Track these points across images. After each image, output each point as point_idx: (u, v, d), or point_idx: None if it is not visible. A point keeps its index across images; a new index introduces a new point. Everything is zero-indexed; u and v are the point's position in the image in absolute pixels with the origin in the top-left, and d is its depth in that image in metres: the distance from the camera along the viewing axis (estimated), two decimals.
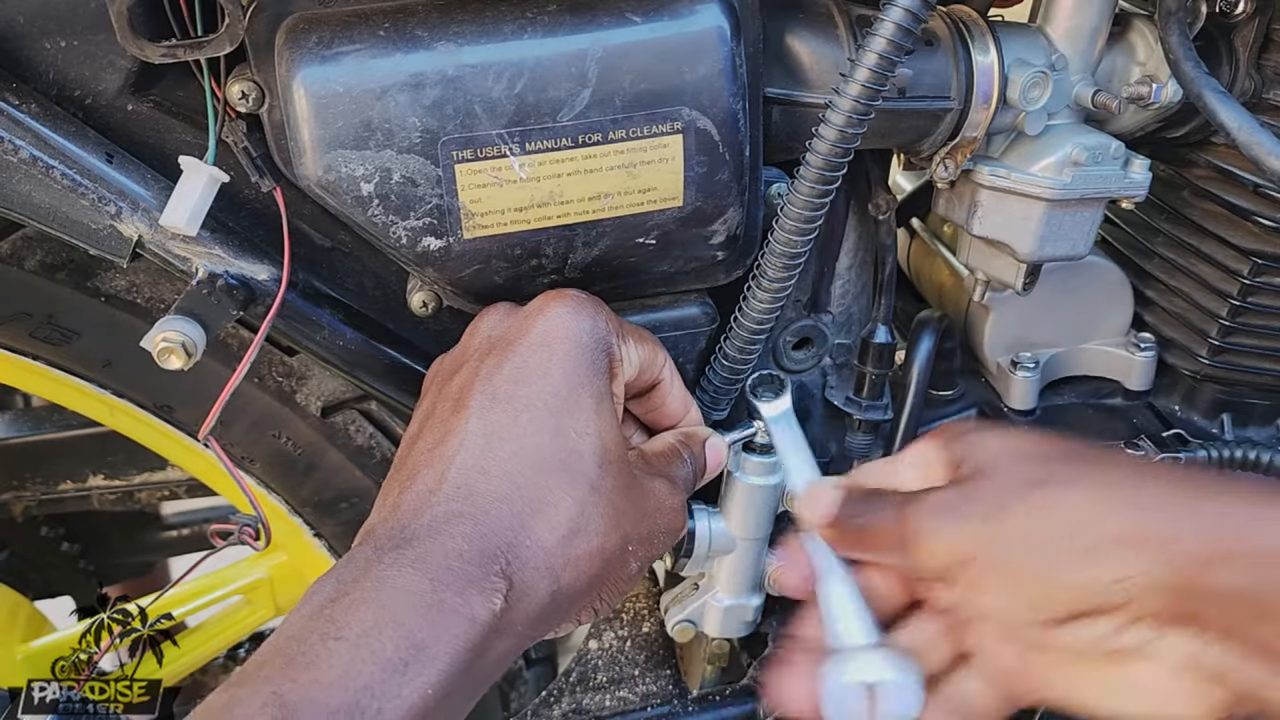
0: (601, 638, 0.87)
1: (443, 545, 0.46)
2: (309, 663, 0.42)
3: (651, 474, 0.56)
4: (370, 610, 0.44)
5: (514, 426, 0.50)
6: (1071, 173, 0.67)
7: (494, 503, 0.48)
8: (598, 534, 0.50)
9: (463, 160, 0.54)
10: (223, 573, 0.98)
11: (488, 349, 0.55)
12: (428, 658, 0.43)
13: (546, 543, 0.48)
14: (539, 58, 0.53)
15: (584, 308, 0.54)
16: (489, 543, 0.47)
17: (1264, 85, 0.71)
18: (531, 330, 0.53)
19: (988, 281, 0.78)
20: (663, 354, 0.60)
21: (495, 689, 0.94)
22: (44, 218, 0.55)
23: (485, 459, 0.49)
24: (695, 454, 0.60)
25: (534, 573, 0.48)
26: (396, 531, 0.47)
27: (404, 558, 0.46)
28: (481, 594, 0.45)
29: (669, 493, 0.56)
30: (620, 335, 0.56)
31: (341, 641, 0.42)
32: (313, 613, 0.44)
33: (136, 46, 0.51)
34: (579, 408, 0.51)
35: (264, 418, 0.76)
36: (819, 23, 0.64)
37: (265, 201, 0.60)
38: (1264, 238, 0.75)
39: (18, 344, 0.71)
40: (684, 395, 0.63)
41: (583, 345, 0.53)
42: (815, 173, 0.57)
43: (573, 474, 0.50)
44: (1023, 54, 0.65)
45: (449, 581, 0.45)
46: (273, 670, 0.42)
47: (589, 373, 0.52)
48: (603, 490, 0.50)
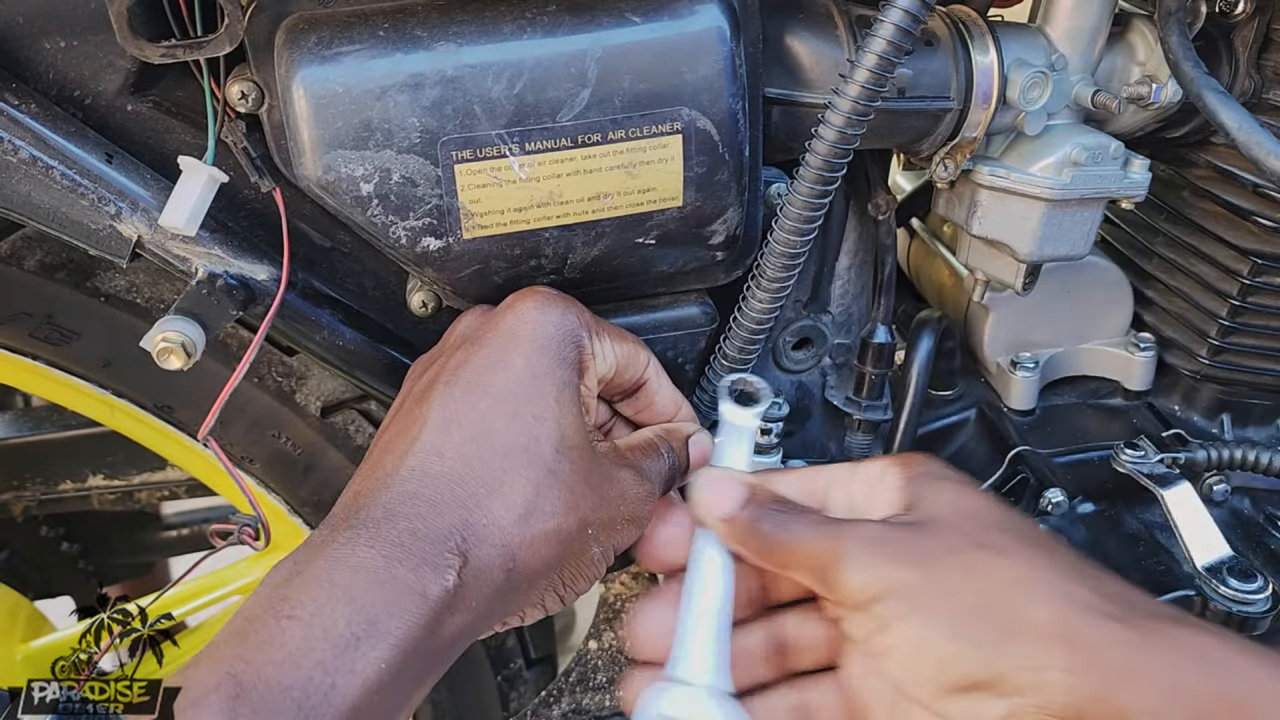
0: (601, 638, 0.87)
1: (396, 524, 0.47)
2: (262, 642, 0.42)
3: (620, 464, 0.56)
4: (323, 588, 0.44)
5: (472, 412, 0.51)
6: (1071, 173, 0.67)
7: (449, 484, 0.49)
8: (553, 515, 0.50)
9: (462, 160, 0.54)
10: (222, 573, 0.98)
11: (458, 345, 0.56)
12: (380, 633, 0.44)
13: (502, 521, 0.49)
14: (538, 58, 0.53)
15: (552, 302, 0.55)
16: (443, 520, 0.48)
17: (1264, 85, 0.71)
18: (500, 325, 0.54)
19: (987, 281, 0.78)
20: (645, 354, 0.61)
21: (495, 689, 0.94)
22: (44, 218, 0.55)
23: (442, 443, 0.50)
24: (675, 449, 0.60)
25: (490, 549, 0.48)
26: (353, 513, 0.48)
27: (358, 537, 0.46)
28: (434, 570, 0.46)
29: (634, 482, 0.56)
30: (594, 332, 0.56)
31: (294, 620, 0.43)
32: (268, 593, 0.45)
33: (136, 47, 0.51)
34: (539, 395, 0.52)
35: (264, 418, 0.76)
36: (819, 23, 0.64)
37: (265, 202, 0.60)
38: (1264, 238, 0.75)
39: (18, 344, 0.71)
40: (674, 395, 0.63)
41: (547, 337, 0.53)
42: (815, 173, 0.57)
43: (530, 456, 0.50)
44: (1022, 54, 0.65)
45: (401, 558, 0.46)
46: (227, 650, 0.42)
47: (552, 363, 0.53)
48: (559, 474, 0.51)
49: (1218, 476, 0.79)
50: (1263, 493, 0.81)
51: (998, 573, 0.45)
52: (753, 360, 0.67)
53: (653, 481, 0.57)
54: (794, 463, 0.76)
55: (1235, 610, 0.69)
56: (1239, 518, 0.80)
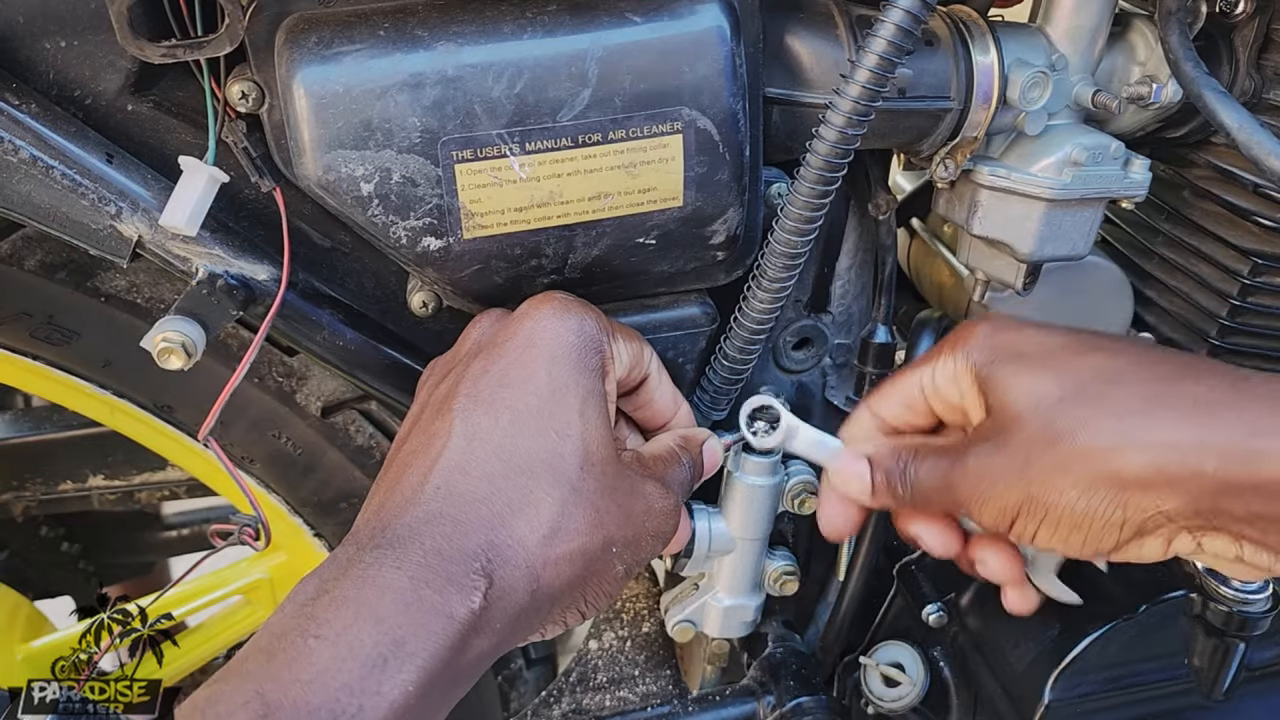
0: (601, 638, 0.87)
1: (423, 544, 0.47)
2: (290, 660, 0.42)
3: (645, 476, 0.56)
4: (350, 608, 0.44)
5: (495, 428, 0.51)
6: (1071, 173, 0.67)
7: (474, 503, 0.49)
8: (578, 534, 0.50)
9: (462, 160, 0.54)
10: (223, 573, 0.98)
11: (476, 352, 0.55)
12: (406, 654, 0.44)
13: (527, 542, 0.49)
14: (539, 58, 0.53)
15: (570, 308, 0.55)
16: (469, 541, 0.47)
17: (1264, 85, 0.71)
18: (518, 333, 0.54)
19: (988, 281, 0.78)
20: (648, 350, 0.60)
21: (495, 689, 0.94)
22: (44, 218, 0.55)
23: (466, 460, 0.50)
24: (694, 457, 0.60)
25: (514, 571, 0.48)
26: (378, 531, 0.48)
27: (384, 557, 0.46)
28: (460, 591, 0.46)
29: (660, 496, 0.56)
30: (611, 335, 0.56)
31: (321, 640, 0.43)
32: (295, 610, 0.45)
33: (136, 47, 0.51)
34: (562, 408, 0.52)
35: (264, 418, 0.76)
36: (819, 23, 0.64)
37: (265, 202, 0.60)
38: (1264, 238, 0.75)
39: (18, 344, 0.71)
40: (672, 391, 0.63)
41: (569, 345, 0.53)
42: (815, 173, 0.57)
43: (554, 474, 0.50)
44: (1022, 54, 0.65)
45: (428, 579, 0.45)
46: (254, 667, 0.42)
47: (575, 372, 0.53)
48: (584, 491, 0.51)
49: None
50: None
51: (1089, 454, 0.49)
52: (753, 360, 0.67)
53: (676, 493, 0.57)
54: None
55: (1235, 610, 0.69)
56: None
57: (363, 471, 0.80)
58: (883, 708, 0.81)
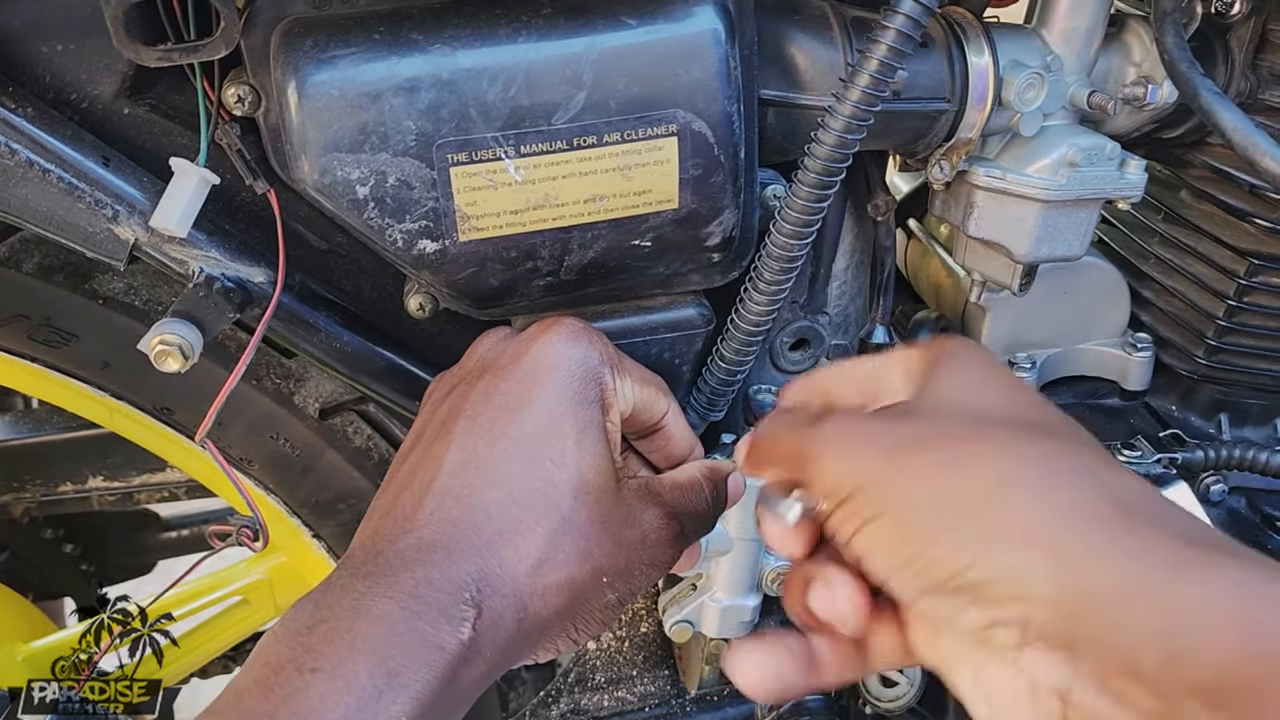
0: (600, 638, 0.87)
1: (414, 573, 0.47)
2: (287, 695, 0.42)
3: (649, 505, 0.55)
4: (344, 639, 0.44)
5: (490, 455, 0.51)
6: (1067, 174, 0.67)
7: (465, 531, 0.49)
8: (566, 565, 0.50)
9: (458, 163, 0.54)
10: (222, 574, 0.99)
11: (480, 372, 0.55)
12: (400, 685, 0.44)
13: (515, 572, 0.49)
14: (534, 61, 0.53)
15: (578, 338, 0.55)
16: (459, 570, 0.48)
17: (1259, 86, 0.71)
18: (523, 358, 0.54)
19: (984, 282, 0.78)
20: (665, 399, 0.60)
21: (494, 689, 0.94)
22: (41, 221, 0.55)
23: (460, 487, 0.50)
24: (719, 487, 0.59)
25: (502, 601, 0.48)
26: (372, 558, 0.48)
27: (377, 587, 0.46)
28: (450, 622, 0.46)
29: (659, 525, 0.55)
30: (617, 369, 0.56)
31: (317, 673, 0.43)
32: (290, 640, 0.45)
33: (132, 50, 0.51)
34: (558, 438, 0.52)
35: (262, 419, 0.76)
36: (814, 25, 0.64)
37: (261, 204, 0.60)
38: (1260, 238, 0.75)
39: (16, 346, 0.71)
40: (689, 437, 0.63)
41: (570, 375, 0.53)
42: (814, 177, 0.57)
43: (546, 504, 0.50)
44: (1018, 55, 0.65)
45: (419, 610, 0.46)
46: (251, 701, 0.43)
47: (573, 403, 0.53)
48: (574, 522, 0.51)
49: (1215, 476, 0.80)
50: (1260, 492, 0.81)
51: (986, 468, 0.38)
52: (750, 361, 0.67)
53: (682, 523, 0.56)
54: None
55: None
56: (1236, 517, 0.80)
57: (361, 473, 0.80)
58: (880, 707, 0.81)
